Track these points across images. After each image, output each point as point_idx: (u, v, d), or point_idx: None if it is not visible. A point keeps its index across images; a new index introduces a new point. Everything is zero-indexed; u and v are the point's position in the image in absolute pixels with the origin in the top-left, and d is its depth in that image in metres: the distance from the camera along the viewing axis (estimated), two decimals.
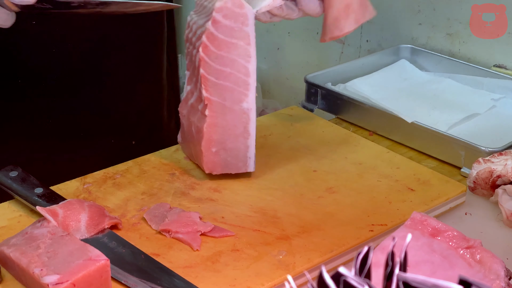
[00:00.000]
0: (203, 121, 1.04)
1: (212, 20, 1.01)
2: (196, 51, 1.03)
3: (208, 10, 1.03)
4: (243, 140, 1.07)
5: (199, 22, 1.04)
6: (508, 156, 1.04)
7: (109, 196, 1.05)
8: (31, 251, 0.85)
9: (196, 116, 1.06)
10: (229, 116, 1.05)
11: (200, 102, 1.05)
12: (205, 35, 1.01)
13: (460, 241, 0.87)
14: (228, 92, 1.04)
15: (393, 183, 1.08)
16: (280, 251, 0.93)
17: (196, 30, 1.04)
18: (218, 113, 1.04)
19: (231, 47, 1.03)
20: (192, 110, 1.07)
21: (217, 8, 1.01)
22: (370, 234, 0.97)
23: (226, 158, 1.07)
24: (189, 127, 1.08)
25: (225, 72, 1.03)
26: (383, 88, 1.39)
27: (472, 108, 1.32)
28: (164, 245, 0.95)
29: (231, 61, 1.03)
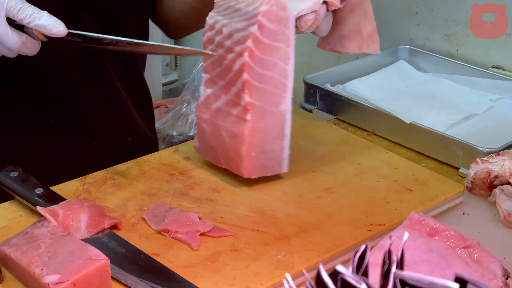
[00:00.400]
0: (243, 126, 1.02)
1: (258, 25, 0.99)
2: (235, 56, 1.01)
3: (247, 13, 1.00)
4: (279, 142, 1.06)
5: (235, 25, 1.01)
6: (506, 157, 1.04)
7: (109, 196, 1.05)
8: (31, 251, 0.86)
9: (228, 121, 1.04)
10: (268, 119, 1.04)
11: (235, 106, 1.03)
12: (251, 40, 0.99)
13: (457, 241, 0.87)
14: (269, 95, 1.03)
15: (391, 183, 1.08)
16: (279, 251, 0.94)
17: (231, 33, 1.01)
18: (258, 117, 1.03)
19: (274, 51, 1.02)
20: (219, 114, 1.05)
21: (264, 12, 0.99)
22: (368, 234, 0.97)
23: (264, 161, 1.05)
24: (216, 132, 1.06)
25: (267, 75, 1.02)
26: (381, 89, 1.40)
27: (470, 108, 1.33)
28: (163, 245, 0.95)
29: (273, 64, 1.02)
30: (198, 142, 1.10)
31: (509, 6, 1.35)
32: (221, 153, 1.07)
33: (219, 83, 1.05)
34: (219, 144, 1.06)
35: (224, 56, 1.03)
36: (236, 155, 1.04)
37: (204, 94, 1.07)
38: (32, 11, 0.93)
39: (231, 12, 1.03)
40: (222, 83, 1.04)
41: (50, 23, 0.93)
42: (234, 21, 1.02)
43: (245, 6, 1.01)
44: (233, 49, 1.02)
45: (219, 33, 1.03)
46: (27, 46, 0.96)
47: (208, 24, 1.04)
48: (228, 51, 1.02)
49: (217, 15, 1.04)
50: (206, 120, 1.07)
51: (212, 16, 1.04)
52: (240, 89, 1.02)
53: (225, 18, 1.03)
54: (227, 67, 1.03)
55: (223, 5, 1.04)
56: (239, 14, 1.02)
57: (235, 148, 1.04)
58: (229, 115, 1.04)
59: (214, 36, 1.04)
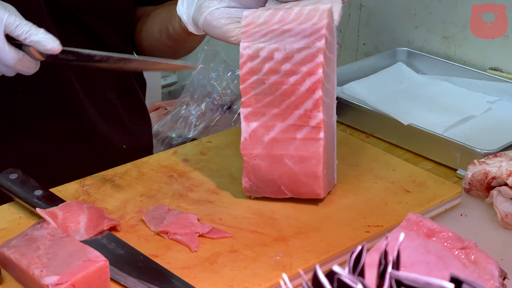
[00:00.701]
0: (316, 146, 0.99)
1: (325, 38, 0.97)
2: (301, 76, 0.97)
3: (302, 31, 0.97)
4: (333, 153, 1.06)
5: (291, 46, 0.97)
6: (503, 158, 1.05)
7: (108, 198, 1.06)
8: (31, 253, 0.86)
9: (292, 147, 1.00)
10: (330, 133, 1.03)
11: (299, 129, 0.99)
12: (322, 55, 0.97)
13: (455, 242, 0.88)
14: (329, 109, 1.02)
15: (389, 185, 1.09)
16: (277, 252, 0.94)
17: (288, 56, 0.98)
18: (326, 133, 1.00)
19: (330, 63, 1.01)
20: (276, 144, 1.01)
21: (326, 25, 0.97)
22: (366, 235, 0.98)
23: (328, 177, 1.04)
24: (276, 163, 1.01)
25: (329, 89, 1.01)
26: (380, 91, 1.41)
27: (468, 110, 1.33)
28: (162, 246, 0.96)
29: (329, 77, 1.01)
30: (249, 182, 1.03)
31: (509, 6, 1.36)
32: (285, 183, 1.02)
33: (270, 112, 1.00)
34: (283, 174, 1.02)
35: (281, 81, 0.98)
36: (310, 178, 1.01)
37: (247, 130, 1.01)
38: (29, 28, 0.94)
39: (277, 35, 0.98)
40: (276, 110, 1.00)
41: (45, 39, 0.94)
42: (287, 42, 0.98)
43: (297, 24, 0.98)
44: (296, 70, 0.98)
45: (269, 60, 0.98)
46: (24, 64, 0.96)
47: (245, 55, 0.99)
48: (288, 74, 0.98)
49: (256, 43, 0.99)
50: (259, 155, 1.01)
51: (249, 46, 0.99)
52: (310, 109, 0.98)
53: (270, 43, 0.98)
54: (286, 92, 0.99)
55: (259, 32, 0.99)
56: (291, 34, 0.98)
57: (308, 171, 1.00)
58: (291, 141, 1.00)
59: (260, 65, 0.99)
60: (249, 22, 1.00)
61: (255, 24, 0.99)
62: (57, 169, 1.20)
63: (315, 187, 1.02)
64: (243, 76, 1.00)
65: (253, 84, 1.00)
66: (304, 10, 0.99)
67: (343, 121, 1.34)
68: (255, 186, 1.04)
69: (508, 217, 1.01)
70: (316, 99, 0.98)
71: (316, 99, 0.98)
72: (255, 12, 1.00)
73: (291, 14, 0.99)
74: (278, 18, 0.99)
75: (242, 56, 0.99)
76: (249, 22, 1.00)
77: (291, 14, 0.99)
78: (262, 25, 0.99)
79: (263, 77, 0.99)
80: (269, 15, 0.99)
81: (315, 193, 1.02)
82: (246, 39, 0.99)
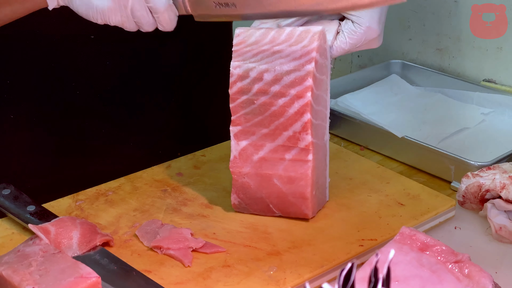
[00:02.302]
0: (304, 167, 0.99)
1: (314, 61, 0.96)
2: (290, 99, 0.97)
3: (292, 52, 0.97)
4: (324, 172, 1.06)
5: (280, 68, 0.97)
6: (497, 171, 1.05)
7: (101, 213, 1.05)
8: (23, 269, 0.86)
9: (281, 167, 1.00)
10: (320, 153, 1.03)
11: (288, 150, 0.99)
12: (311, 79, 0.96)
13: (448, 255, 0.88)
14: (319, 130, 1.02)
15: (383, 198, 1.08)
16: (271, 266, 0.94)
17: (277, 77, 0.97)
18: (315, 155, 1.00)
19: (321, 84, 1.01)
20: (265, 164, 1.01)
21: (317, 48, 0.97)
22: (360, 249, 0.97)
23: (318, 196, 1.04)
24: (265, 182, 1.01)
25: (319, 110, 1.01)
26: (374, 103, 1.41)
27: (462, 122, 1.34)
28: (155, 261, 0.95)
29: (320, 98, 1.01)
30: (237, 198, 1.04)
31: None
32: (274, 201, 1.02)
33: (259, 132, 1.00)
34: (271, 193, 1.02)
35: (270, 103, 0.98)
36: (298, 198, 1.01)
37: (237, 148, 1.01)
38: None
39: (268, 56, 0.98)
40: (265, 130, 1.00)
41: None
42: (276, 64, 0.98)
43: (287, 46, 0.98)
44: (285, 93, 0.97)
45: (258, 81, 0.98)
46: (170, 14, 0.95)
47: (235, 74, 0.99)
48: (276, 96, 0.98)
49: (246, 63, 0.99)
50: (248, 173, 1.02)
51: (239, 65, 0.99)
52: (298, 131, 0.98)
53: (260, 63, 0.98)
54: (275, 113, 0.98)
55: (250, 51, 0.99)
56: (281, 55, 0.98)
57: (296, 192, 1.01)
58: (280, 161, 1.00)
59: (250, 85, 0.99)
60: (240, 41, 1.00)
61: (246, 43, 0.99)
62: (51, 185, 1.20)
63: (303, 208, 1.02)
64: (233, 95, 1.00)
65: (242, 103, 1.00)
66: (296, 32, 0.99)
67: (337, 134, 1.33)
68: (244, 203, 1.04)
69: (502, 230, 1.01)
70: (305, 122, 0.98)
71: (304, 122, 0.98)
72: (247, 31, 1.00)
73: (282, 35, 0.99)
74: (269, 39, 0.99)
75: (232, 76, 0.99)
76: (240, 41, 1.00)
77: (282, 34, 0.99)
78: (253, 45, 0.99)
79: (252, 97, 0.99)
80: (261, 34, 0.99)
81: (303, 213, 1.02)
82: (236, 58, 0.99)
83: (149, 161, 1.19)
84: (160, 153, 1.23)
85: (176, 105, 1.29)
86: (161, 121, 1.28)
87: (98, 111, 1.22)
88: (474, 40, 1.44)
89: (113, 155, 1.25)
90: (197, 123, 1.33)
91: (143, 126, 1.27)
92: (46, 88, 1.18)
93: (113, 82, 1.22)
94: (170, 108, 1.28)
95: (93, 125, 1.23)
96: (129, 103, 1.24)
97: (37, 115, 1.19)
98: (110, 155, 1.25)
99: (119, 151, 1.25)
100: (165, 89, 1.27)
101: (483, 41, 1.42)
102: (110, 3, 0.93)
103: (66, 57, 1.14)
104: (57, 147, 1.22)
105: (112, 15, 0.94)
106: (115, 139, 1.25)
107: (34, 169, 1.21)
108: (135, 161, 1.20)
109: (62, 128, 1.21)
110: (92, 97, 1.22)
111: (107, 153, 1.25)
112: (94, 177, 1.15)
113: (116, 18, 0.94)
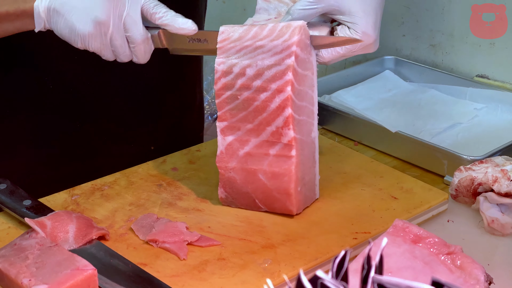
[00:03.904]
0: (288, 163, 1.00)
1: (294, 55, 0.97)
2: (271, 93, 0.98)
3: (274, 47, 0.97)
4: (313, 169, 1.06)
5: (262, 63, 0.98)
6: (489, 164, 1.06)
7: (97, 207, 1.06)
8: (19, 262, 0.87)
9: (266, 162, 1.01)
10: (306, 150, 1.03)
11: (272, 146, 1.00)
12: (291, 73, 0.97)
13: (441, 247, 0.89)
14: (304, 126, 1.02)
15: (377, 192, 1.09)
16: (266, 259, 0.95)
17: (259, 72, 0.98)
18: (300, 151, 1.01)
19: (305, 80, 1.01)
20: (250, 159, 1.02)
21: (297, 42, 0.97)
22: (354, 242, 0.98)
23: (305, 193, 1.04)
24: (250, 177, 1.02)
25: (302, 106, 1.01)
26: (368, 99, 1.42)
27: (455, 117, 1.35)
28: (151, 255, 0.96)
29: (305, 94, 1.01)
30: (224, 193, 1.05)
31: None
32: (259, 197, 1.03)
33: (244, 127, 1.01)
34: (257, 188, 1.03)
35: (253, 97, 0.99)
36: (282, 194, 1.02)
37: (223, 144, 1.02)
38: (167, 9, 0.97)
39: (250, 51, 0.99)
40: (250, 126, 1.01)
41: (183, 19, 0.97)
42: (258, 59, 0.98)
43: (269, 41, 0.98)
44: (267, 87, 0.98)
45: (241, 76, 0.99)
46: (145, 47, 0.98)
47: (219, 70, 1.00)
48: (259, 91, 0.99)
49: (229, 59, 1.00)
50: (234, 168, 1.03)
51: (223, 62, 1.00)
52: (281, 126, 0.99)
53: (243, 59, 0.99)
54: (258, 108, 0.99)
55: (233, 48, 1.00)
56: (263, 50, 0.98)
57: (280, 187, 1.01)
58: (265, 157, 1.01)
59: (233, 80, 1.00)
60: (225, 38, 1.01)
61: (230, 40, 1.00)
62: (48, 180, 1.20)
63: (287, 204, 1.03)
64: (217, 91, 1.01)
65: (227, 99, 1.01)
66: (277, 27, 0.99)
67: (332, 129, 1.34)
68: (230, 197, 1.05)
69: (494, 223, 1.02)
70: (286, 116, 0.98)
71: (286, 117, 0.98)
72: (232, 27, 1.01)
73: (264, 30, 0.99)
74: (251, 34, 1.00)
75: (217, 72, 1.01)
76: (224, 38, 1.01)
77: (264, 30, 0.99)
78: (236, 41, 1.00)
79: (236, 92, 1.00)
80: (244, 30, 1.00)
81: (287, 209, 1.03)
82: (221, 54, 1.00)
83: (144, 156, 1.19)
84: (153, 149, 1.24)
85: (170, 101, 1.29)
86: (155, 117, 1.28)
87: (94, 108, 1.22)
88: (467, 36, 1.45)
89: (109, 150, 1.25)
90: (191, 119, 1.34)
91: (139, 122, 1.27)
92: (42, 86, 1.19)
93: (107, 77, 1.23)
94: (163, 104, 1.29)
95: (90, 122, 1.24)
96: (123, 99, 1.25)
97: (33, 111, 1.20)
98: (106, 150, 1.25)
99: (115, 146, 1.26)
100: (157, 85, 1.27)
101: (476, 37, 1.43)
102: (92, 29, 0.95)
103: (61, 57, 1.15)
104: (53, 143, 1.22)
105: (92, 40, 0.96)
106: (111, 136, 1.25)
107: (30, 164, 1.21)
108: (131, 156, 1.21)
109: (58, 124, 1.21)
110: (87, 94, 1.22)
111: (103, 148, 1.25)
112: (90, 172, 1.15)
113: (95, 44, 0.97)
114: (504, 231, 1.02)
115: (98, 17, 0.94)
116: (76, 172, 1.19)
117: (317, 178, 1.08)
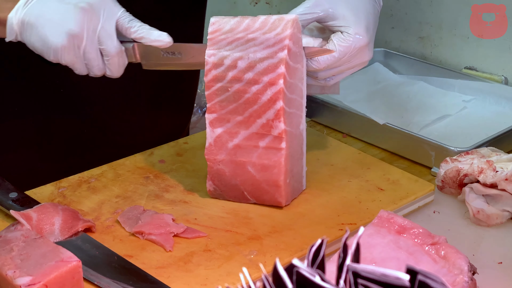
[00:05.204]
0: (278, 155, 1.00)
1: (287, 49, 0.97)
2: (263, 86, 0.98)
3: (266, 40, 0.98)
4: (301, 162, 1.06)
5: (254, 56, 0.98)
6: (475, 155, 1.06)
7: (84, 199, 1.06)
8: (4, 254, 0.87)
9: (255, 155, 1.01)
10: (294, 142, 1.03)
11: (262, 138, 1.00)
12: (284, 66, 0.97)
13: (425, 238, 0.89)
14: (293, 119, 1.02)
15: (364, 183, 1.10)
16: (252, 250, 0.95)
17: (251, 65, 0.98)
18: (289, 143, 1.01)
19: (295, 73, 1.01)
20: (239, 151, 1.02)
21: (290, 35, 0.97)
22: (340, 233, 0.98)
23: (293, 185, 1.05)
24: (239, 169, 1.03)
25: (293, 99, 1.01)
26: (357, 91, 1.42)
27: (443, 109, 1.35)
28: (137, 246, 0.96)
29: (295, 87, 1.01)
30: (213, 185, 1.05)
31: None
32: (248, 189, 1.04)
33: (234, 119, 1.01)
34: (245, 180, 1.03)
35: (244, 90, 0.99)
36: (272, 186, 1.02)
37: (212, 136, 1.02)
38: (141, 23, 0.98)
39: (242, 44, 0.99)
40: (240, 118, 1.01)
41: (156, 31, 0.98)
42: (250, 51, 0.98)
43: (261, 34, 0.98)
44: (258, 80, 0.98)
45: (232, 68, 0.99)
46: (119, 60, 0.98)
47: (210, 62, 0.99)
48: (250, 83, 0.99)
49: (221, 51, 0.99)
50: (223, 160, 1.03)
51: (214, 54, 1.00)
52: (271, 118, 0.99)
53: (234, 51, 0.99)
54: (249, 100, 0.99)
55: (225, 40, 0.99)
56: (255, 43, 0.98)
57: (269, 179, 1.02)
58: (254, 149, 1.01)
59: (224, 72, 0.99)
60: (216, 29, 1.00)
61: (221, 31, 1.00)
62: (35, 174, 1.21)
63: (276, 196, 1.03)
64: (207, 83, 1.01)
65: (217, 91, 1.00)
66: (270, 20, 0.99)
67: (320, 121, 1.34)
68: (219, 190, 1.05)
69: (480, 214, 1.02)
70: (277, 109, 0.98)
71: (277, 109, 0.98)
72: (223, 19, 1.01)
73: (256, 23, 0.99)
74: (243, 27, 0.99)
75: (207, 64, 1.00)
76: (215, 29, 1.00)
77: (256, 22, 0.99)
78: (228, 33, 1.00)
79: (227, 84, 1.00)
80: (236, 22, 1.00)
81: (276, 201, 1.03)
82: (211, 46, 1.00)
83: (131, 149, 1.19)
84: (142, 141, 1.24)
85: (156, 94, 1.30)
86: (142, 110, 1.28)
87: (82, 101, 1.23)
88: (455, 28, 1.45)
89: (97, 143, 1.26)
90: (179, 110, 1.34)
91: (126, 115, 1.27)
92: (31, 83, 1.19)
93: None
94: (149, 97, 1.29)
95: (77, 115, 1.24)
96: (111, 94, 1.25)
97: (21, 105, 1.20)
98: (94, 143, 1.25)
99: (102, 139, 1.26)
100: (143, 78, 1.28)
101: (464, 29, 1.43)
102: (65, 42, 0.95)
103: None
104: (41, 136, 1.23)
105: (65, 53, 0.96)
106: (99, 128, 1.25)
107: (17, 158, 1.21)
108: (118, 149, 1.21)
109: (46, 117, 1.22)
110: (75, 89, 1.22)
111: (90, 141, 1.25)
112: (77, 165, 1.15)
113: (68, 57, 0.96)
114: (490, 222, 1.02)
115: (72, 30, 0.94)
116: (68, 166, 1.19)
117: (304, 170, 1.08)
